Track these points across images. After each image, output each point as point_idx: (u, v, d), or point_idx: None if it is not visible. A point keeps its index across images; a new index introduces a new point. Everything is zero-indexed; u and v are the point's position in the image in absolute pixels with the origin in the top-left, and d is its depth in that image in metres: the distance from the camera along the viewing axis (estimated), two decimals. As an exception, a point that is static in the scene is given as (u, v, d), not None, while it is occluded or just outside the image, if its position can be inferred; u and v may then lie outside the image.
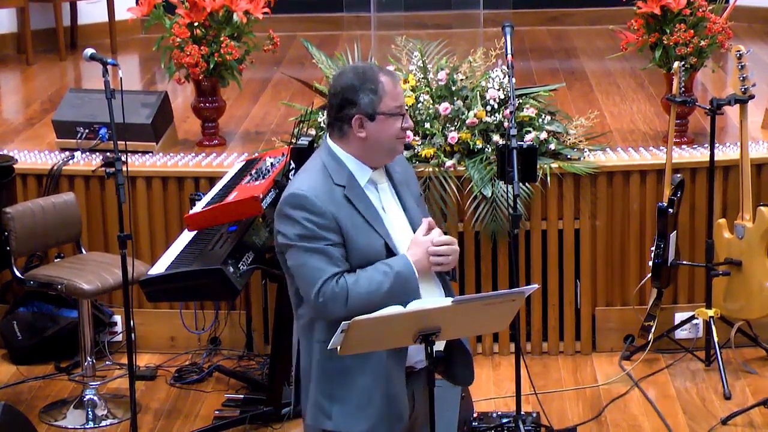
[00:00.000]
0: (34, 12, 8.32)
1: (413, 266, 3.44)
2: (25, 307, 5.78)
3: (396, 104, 3.46)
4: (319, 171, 3.47)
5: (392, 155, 3.53)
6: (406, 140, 3.54)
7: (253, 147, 6.12)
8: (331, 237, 3.41)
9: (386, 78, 3.45)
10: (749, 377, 5.48)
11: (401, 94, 3.50)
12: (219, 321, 5.86)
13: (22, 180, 5.85)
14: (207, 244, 4.87)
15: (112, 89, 4.67)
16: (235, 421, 5.14)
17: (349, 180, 3.46)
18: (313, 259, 3.40)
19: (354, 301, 3.39)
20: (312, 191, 3.42)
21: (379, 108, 3.43)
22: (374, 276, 3.41)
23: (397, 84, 3.48)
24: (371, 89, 3.42)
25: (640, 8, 5.83)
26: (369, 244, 3.44)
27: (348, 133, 3.47)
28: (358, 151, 3.48)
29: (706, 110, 5.44)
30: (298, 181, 3.50)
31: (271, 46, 6.05)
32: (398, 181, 3.60)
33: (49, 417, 5.28)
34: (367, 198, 3.49)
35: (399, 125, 3.47)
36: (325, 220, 3.41)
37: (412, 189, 3.65)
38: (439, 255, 3.48)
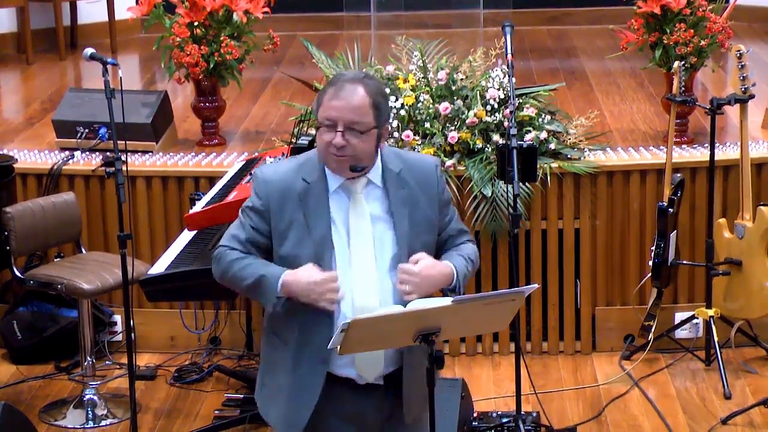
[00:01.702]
0: (34, 11, 8.32)
1: (279, 282, 3.40)
2: (25, 306, 5.78)
3: (325, 118, 3.39)
4: (297, 162, 3.51)
5: (332, 166, 3.43)
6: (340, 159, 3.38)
7: (253, 147, 6.12)
8: (256, 222, 3.46)
9: (330, 90, 3.40)
10: (749, 377, 5.48)
11: (338, 111, 3.36)
12: (219, 321, 5.86)
13: (22, 180, 5.85)
14: (207, 243, 4.87)
15: (112, 89, 4.67)
16: (235, 421, 5.14)
17: (318, 179, 3.45)
18: (234, 227, 3.53)
19: (225, 273, 3.50)
20: (268, 175, 3.48)
21: (318, 117, 3.43)
22: (250, 266, 3.44)
23: (338, 98, 3.37)
24: (319, 98, 3.44)
25: (640, 8, 5.83)
26: (297, 246, 3.42)
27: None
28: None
29: (706, 110, 5.44)
30: (271, 164, 3.60)
31: (271, 45, 6.05)
32: (401, 198, 3.46)
33: (49, 417, 5.28)
34: (325, 203, 3.43)
35: (326, 139, 3.39)
36: (261, 205, 3.46)
37: (420, 212, 3.48)
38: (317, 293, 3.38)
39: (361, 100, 3.39)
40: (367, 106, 3.39)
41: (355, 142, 3.39)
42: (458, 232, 3.63)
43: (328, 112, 3.39)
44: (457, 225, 3.62)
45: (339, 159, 3.40)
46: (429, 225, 3.53)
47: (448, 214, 3.59)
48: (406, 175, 3.50)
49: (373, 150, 3.44)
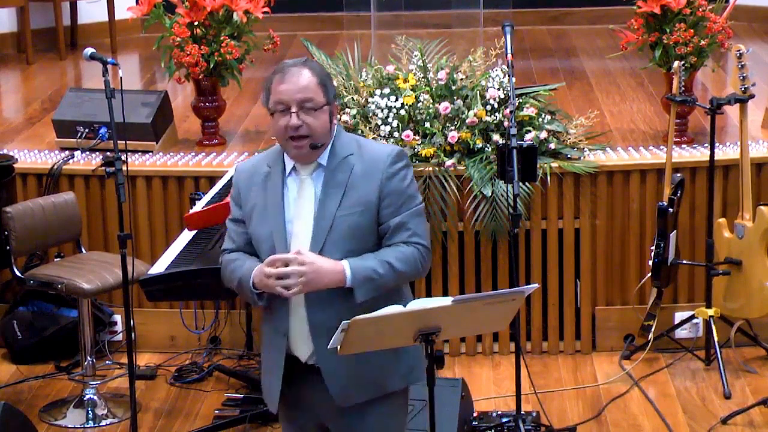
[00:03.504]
0: (34, 11, 8.32)
1: (252, 281, 3.50)
2: (25, 306, 5.78)
3: (277, 102, 3.47)
4: (268, 151, 3.64)
5: (291, 153, 3.50)
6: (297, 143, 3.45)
7: (253, 146, 6.12)
8: (235, 211, 3.62)
9: (277, 77, 3.50)
10: (749, 376, 5.48)
11: (286, 93, 3.44)
12: (219, 320, 5.86)
13: (22, 179, 5.85)
14: (207, 243, 4.87)
15: (112, 89, 4.67)
16: (235, 421, 5.14)
17: (277, 164, 3.57)
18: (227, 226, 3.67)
19: (225, 280, 3.63)
20: (241, 165, 3.64)
21: (269, 106, 3.52)
22: (236, 270, 3.56)
23: (284, 82, 3.45)
24: (266, 87, 3.53)
25: (640, 7, 5.83)
26: (258, 227, 3.55)
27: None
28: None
29: (706, 110, 5.44)
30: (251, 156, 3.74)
31: (271, 45, 6.05)
32: (336, 181, 3.49)
33: (49, 416, 5.28)
34: (279, 185, 3.54)
35: (281, 124, 3.47)
36: (235, 192, 3.62)
37: (360, 196, 3.47)
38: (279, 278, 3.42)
39: (308, 79, 3.48)
40: (315, 85, 3.47)
41: (310, 121, 3.47)
42: (398, 228, 3.50)
43: (278, 96, 3.48)
44: (401, 220, 3.49)
45: (297, 143, 3.47)
46: (364, 208, 3.49)
47: (392, 204, 3.49)
48: (354, 160, 3.51)
49: (328, 127, 3.51)
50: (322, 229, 3.48)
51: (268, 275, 3.43)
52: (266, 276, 3.43)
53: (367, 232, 3.50)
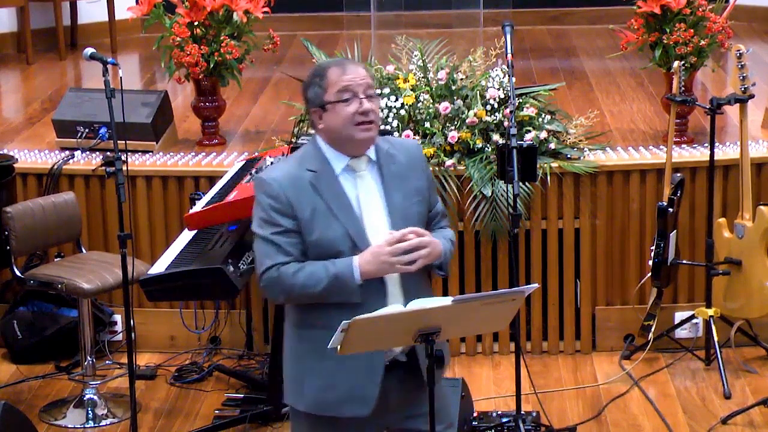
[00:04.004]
0: (34, 11, 8.32)
1: (356, 271, 3.48)
2: (25, 306, 5.78)
3: (341, 92, 3.52)
4: (295, 158, 3.61)
5: (356, 142, 3.54)
6: (367, 126, 3.51)
7: (253, 146, 6.12)
8: (284, 222, 3.51)
9: (334, 68, 3.55)
10: (749, 376, 5.48)
11: (352, 80, 3.52)
12: (219, 320, 5.86)
13: (22, 179, 5.85)
14: (207, 243, 4.87)
15: (112, 88, 4.67)
16: (235, 421, 5.14)
17: (322, 166, 3.55)
18: (264, 246, 3.54)
19: (292, 290, 3.51)
20: (274, 176, 3.55)
21: (325, 98, 3.54)
22: (316, 272, 3.49)
23: (347, 72, 3.53)
24: (317, 83, 3.56)
25: (640, 7, 5.83)
26: (326, 231, 3.50)
27: (315, 126, 3.61)
28: (328, 141, 3.58)
29: (706, 109, 5.44)
30: (270, 167, 3.68)
31: (271, 45, 6.05)
32: (393, 172, 3.59)
33: (49, 416, 5.28)
34: (339, 185, 3.54)
35: (349, 110, 3.51)
36: (279, 203, 3.51)
37: (412, 184, 3.62)
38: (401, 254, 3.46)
39: (365, 70, 3.58)
40: (371, 76, 3.58)
41: (375, 107, 3.55)
42: (442, 215, 3.74)
43: (344, 84, 3.52)
44: (442, 207, 3.76)
45: (367, 126, 3.53)
46: (421, 197, 3.64)
47: (432, 192, 3.70)
48: (395, 152, 3.63)
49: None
50: (397, 220, 3.55)
51: (393, 252, 3.43)
52: (390, 254, 3.44)
53: (425, 219, 3.65)
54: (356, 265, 3.47)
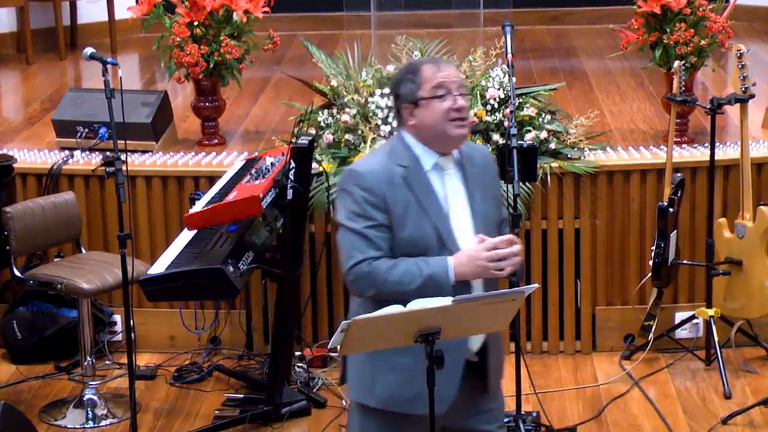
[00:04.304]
0: (34, 11, 8.31)
1: (451, 272, 3.51)
2: (24, 306, 5.77)
3: (436, 88, 3.54)
4: (384, 152, 3.61)
5: (449, 139, 3.56)
6: (461, 123, 3.54)
7: (253, 146, 6.12)
8: (377, 216, 3.51)
9: (427, 66, 3.58)
10: (749, 377, 5.48)
11: (447, 77, 3.54)
12: (219, 320, 5.86)
13: (22, 179, 5.85)
14: (207, 243, 4.87)
15: (112, 88, 4.67)
16: (235, 421, 5.14)
17: (412, 162, 3.56)
18: (354, 239, 3.52)
19: (384, 286, 3.50)
20: (367, 168, 3.55)
21: (419, 94, 3.55)
22: (410, 269, 3.50)
23: (441, 69, 3.56)
24: (411, 79, 3.57)
25: (640, 7, 5.83)
26: (418, 227, 3.51)
27: (404, 122, 3.61)
28: (419, 138, 3.59)
29: (707, 109, 5.43)
30: (360, 160, 3.68)
31: (271, 45, 6.05)
32: (473, 174, 3.63)
33: (48, 416, 5.28)
34: (428, 182, 3.56)
35: (444, 107, 3.53)
36: (373, 197, 3.51)
37: (489, 188, 3.67)
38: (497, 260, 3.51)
39: (457, 70, 3.63)
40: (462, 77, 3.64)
41: (467, 104, 3.59)
42: (505, 222, 3.80)
43: (439, 80, 3.55)
44: (506, 214, 3.83)
45: (461, 123, 3.56)
46: (496, 202, 3.72)
47: (502, 200, 3.79)
48: (472, 154, 3.67)
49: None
50: (479, 221, 3.58)
51: (491, 258, 3.47)
52: (488, 259, 3.47)
53: (498, 223, 3.70)
54: (451, 266, 3.50)
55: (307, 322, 5.81)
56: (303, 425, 5.18)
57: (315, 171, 5.44)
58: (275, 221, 5.13)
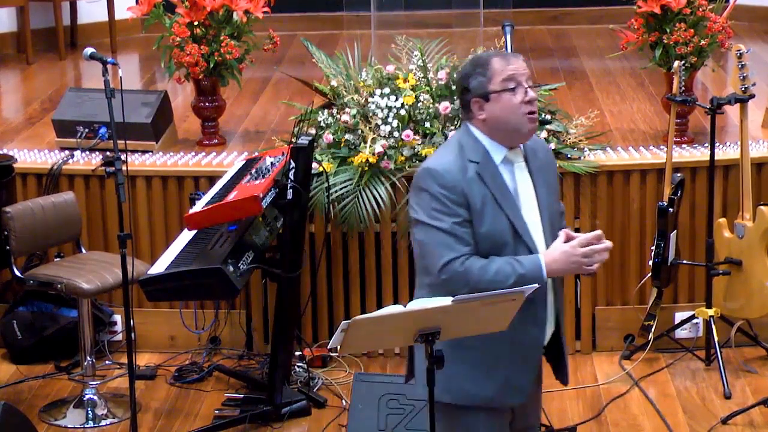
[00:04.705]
0: (34, 11, 8.31)
1: (543, 270, 3.50)
2: (24, 306, 5.77)
3: (507, 80, 3.51)
4: (454, 148, 3.57)
5: (520, 133, 3.54)
6: (533, 116, 3.53)
7: (253, 146, 6.12)
8: (460, 212, 3.49)
9: (497, 59, 3.54)
10: (749, 376, 5.48)
11: (516, 70, 3.52)
12: (219, 320, 5.86)
13: (22, 179, 5.85)
14: (207, 243, 4.87)
15: (112, 88, 4.67)
16: (235, 421, 5.14)
17: (483, 157, 3.54)
18: (441, 237, 3.49)
19: (478, 285, 3.47)
20: (444, 166, 3.51)
21: (490, 87, 3.52)
22: (503, 268, 3.48)
23: (510, 62, 3.53)
24: (481, 72, 3.54)
25: (640, 7, 5.83)
26: (495, 222, 3.51)
27: (473, 116, 3.58)
28: (488, 132, 3.57)
29: (707, 109, 5.43)
30: (432, 157, 3.62)
31: (271, 45, 6.05)
32: (536, 167, 3.62)
33: (48, 416, 5.28)
34: (501, 176, 3.54)
35: (516, 100, 3.51)
36: (454, 194, 3.49)
37: (550, 180, 3.67)
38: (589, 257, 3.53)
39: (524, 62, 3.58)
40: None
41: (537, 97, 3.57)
42: (564, 214, 3.80)
43: (510, 73, 3.52)
44: (563, 206, 3.80)
45: (533, 116, 3.54)
46: (557, 196, 3.72)
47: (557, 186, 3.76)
48: (534, 147, 3.65)
49: None
50: (548, 215, 3.60)
51: (587, 254, 3.49)
52: (583, 255, 3.49)
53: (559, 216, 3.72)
54: (544, 264, 3.50)
55: (307, 322, 5.81)
56: (303, 425, 5.18)
57: (315, 171, 5.44)
58: (275, 221, 5.13)
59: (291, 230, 5.11)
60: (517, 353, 3.59)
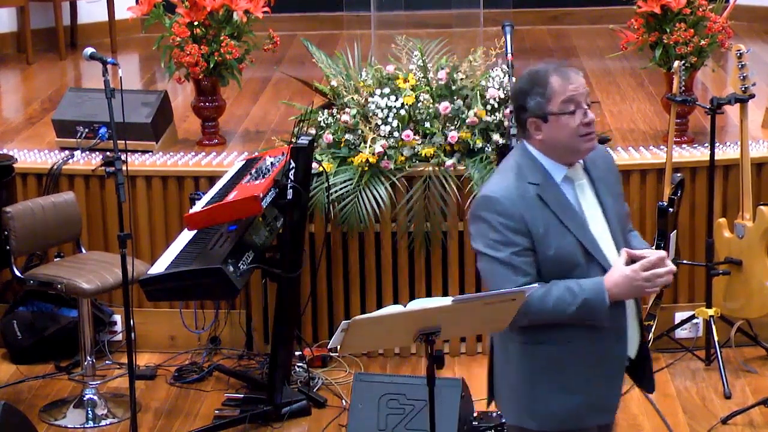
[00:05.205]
0: (34, 11, 8.31)
1: (606, 295, 3.38)
2: (25, 306, 5.77)
3: (566, 102, 3.40)
4: (512, 171, 3.46)
5: (579, 154, 3.45)
6: (591, 136, 3.42)
7: (253, 146, 6.12)
8: (519, 241, 3.38)
9: (556, 78, 3.42)
10: (749, 376, 5.48)
11: (576, 90, 3.40)
12: (219, 320, 5.86)
13: (22, 179, 5.85)
14: (207, 243, 4.87)
15: (112, 88, 4.67)
16: (235, 421, 5.14)
17: (543, 177, 3.44)
18: (500, 269, 3.40)
19: (538, 315, 3.39)
20: (502, 192, 3.41)
21: (548, 108, 3.41)
22: (563, 297, 3.37)
23: (570, 81, 3.41)
24: (539, 92, 3.42)
25: (640, 7, 5.83)
26: (562, 244, 3.40)
27: (529, 135, 3.47)
28: (545, 152, 3.46)
29: (706, 109, 5.43)
30: (490, 182, 3.51)
31: (271, 45, 6.05)
32: (597, 177, 3.52)
33: (49, 416, 5.28)
34: (563, 196, 3.44)
35: (574, 123, 3.40)
36: (513, 222, 3.39)
37: (613, 186, 3.57)
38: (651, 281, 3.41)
39: (582, 78, 3.48)
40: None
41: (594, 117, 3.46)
42: (629, 216, 3.69)
43: (571, 94, 3.40)
44: (628, 208, 3.69)
45: (591, 137, 3.43)
46: (621, 200, 3.61)
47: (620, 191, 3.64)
48: (595, 159, 3.54)
49: None
50: (614, 225, 3.50)
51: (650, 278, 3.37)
52: (645, 280, 3.37)
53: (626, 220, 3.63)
54: (605, 288, 3.37)
55: (307, 322, 5.81)
56: (303, 425, 5.18)
57: (315, 171, 5.44)
58: (275, 221, 5.13)
59: (291, 230, 5.11)
60: (603, 371, 3.49)
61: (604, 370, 3.49)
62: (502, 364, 3.59)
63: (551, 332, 3.45)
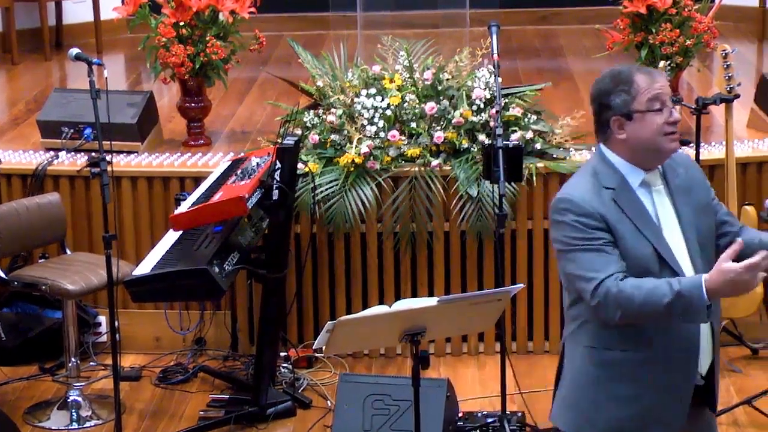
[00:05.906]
0: (20, 11, 8.29)
1: (704, 291, 3.21)
2: (9, 307, 5.76)
3: (652, 100, 3.36)
4: (588, 175, 3.43)
5: (661, 154, 3.39)
6: (675, 136, 3.36)
7: (239, 147, 6.11)
8: (604, 236, 3.32)
9: (641, 76, 3.39)
10: (734, 376, 5.48)
11: (662, 89, 3.37)
12: (204, 321, 5.85)
13: (7, 180, 5.83)
14: (192, 244, 4.86)
15: (98, 89, 4.66)
16: (220, 422, 5.13)
17: (619, 183, 3.39)
18: (590, 259, 3.31)
19: (630, 306, 3.26)
20: (578, 193, 3.38)
21: (633, 106, 3.37)
22: (659, 286, 3.24)
23: (656, 80, 3.38)
24: (624, 90, 3.40)
25: (626, 7, 5.83)
26: (636, 250, 3.32)
27: (610, 136, 3.43)
28: (625, 154, 3.40)
29: (692, 109, 5.44)
30: (567, 186, 3.48)
31: (257, 45, 6.04)
32: (676, 186, 3.44)
33: (33, 418, 5.26)
34: (639, 201, 3.38)
35: (659, 120, 3.36)
36: (593, 220, 3.33)
37: (696, 196, 3.46)
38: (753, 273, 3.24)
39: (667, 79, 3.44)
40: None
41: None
42: (730, 215, 3.56)
43: (656, 92, 3.36)
44: (726, 208, 3.57)
45: (675, 136, 3.38)
46: (707, 208, 3.48)
47: (717, 200, 3.54)
48: (674, 164, 3.48)
49: None
50: (690, 235, 3.40)
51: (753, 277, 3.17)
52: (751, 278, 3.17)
53: (713, 232, 3.48)
54: (704, 284, 3.21)
55: (293, 323, 5.80)
56: (288, 426, 5.17)
57: (301, 171, 5.44)
58: (261, 222, 5.12)
59: (277, 231, 5.10)
60: (669, 384, 3.37)
61: (670, 382, 3.37)
62: (568, 369, 3.53)
63: (621, 337, 3.36)
